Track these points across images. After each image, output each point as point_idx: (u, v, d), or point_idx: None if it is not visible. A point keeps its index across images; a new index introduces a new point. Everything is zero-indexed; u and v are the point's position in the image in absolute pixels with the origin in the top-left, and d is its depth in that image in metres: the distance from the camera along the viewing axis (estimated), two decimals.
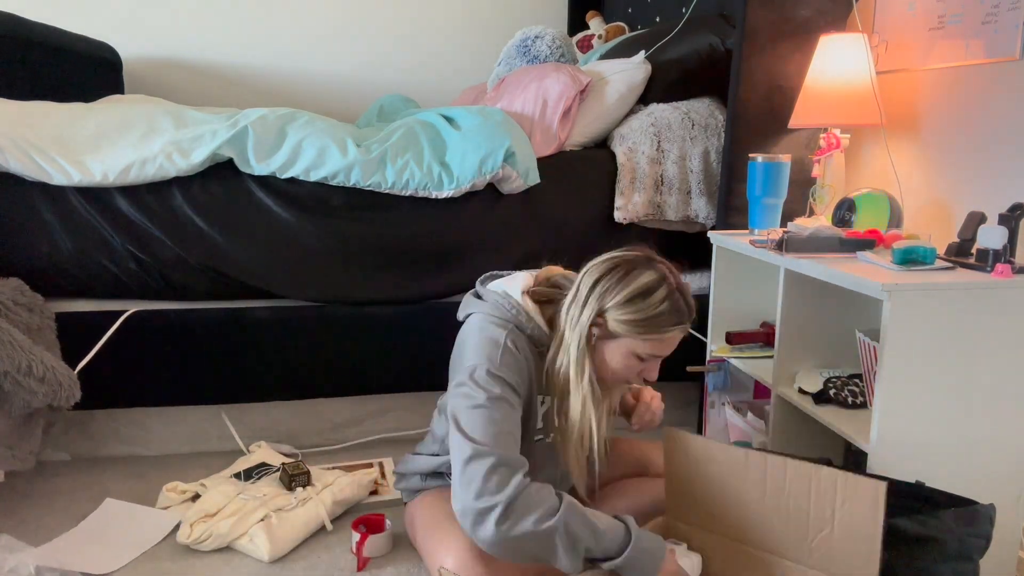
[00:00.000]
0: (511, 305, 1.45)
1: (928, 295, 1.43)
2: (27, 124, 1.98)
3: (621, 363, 1.42)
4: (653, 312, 1.36)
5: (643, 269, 1.39)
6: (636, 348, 1.40)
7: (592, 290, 1.39)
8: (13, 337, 1.65)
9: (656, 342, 1.39)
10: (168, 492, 1.89)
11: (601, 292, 1.38)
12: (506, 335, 1.41)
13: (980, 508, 1.28)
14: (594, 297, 1.39)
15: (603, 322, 1.39)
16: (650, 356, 1.41)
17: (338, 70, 3.57)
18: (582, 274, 1.43)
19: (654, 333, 1.38)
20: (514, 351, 1.40)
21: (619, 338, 1.39)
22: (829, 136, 1.97)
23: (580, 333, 1.39)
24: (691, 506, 1.46)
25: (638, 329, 1.37)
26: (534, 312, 1.45)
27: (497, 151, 2.09)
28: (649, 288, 1.37)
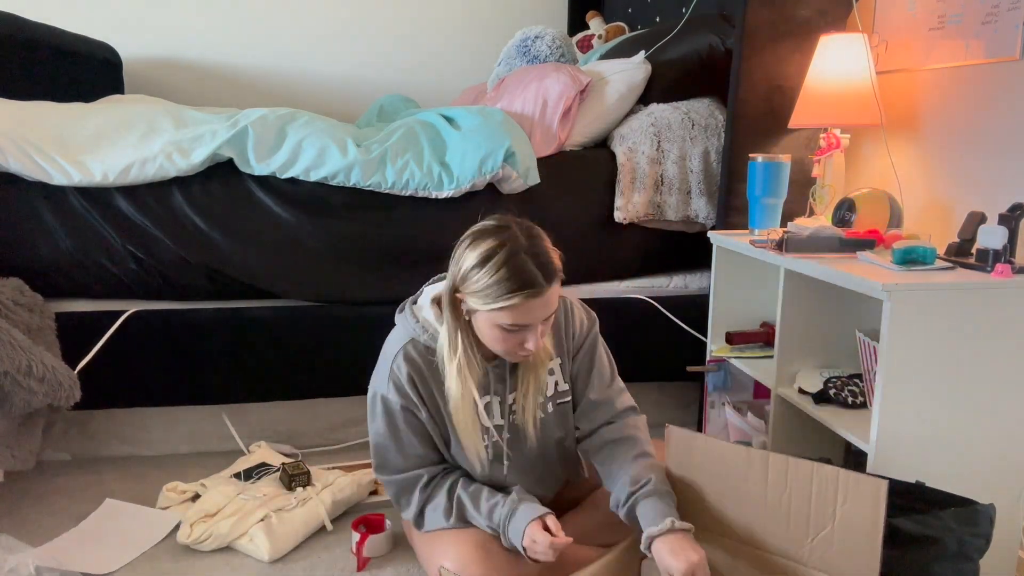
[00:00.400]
0: (413, 317, 1.46)
1: (928, 295, 1.43)
2: (27, 124, 1.98)
3: (491, 336, 1.36)
4: (490, 281, 1.29)
5: (486, 237, 1.32)
6: (494, 319, 1.32)
7: (451, 259, 1.36)
8: (13, 337, 1.65)
9: (509, 311, 1.30)
10: (168, 492, 1.89)
11: (453, 266, 1.35)
12: (400, 353, 1.43)
13: (980, 508, 1.28)
14: (450, 273, 1.36)
15: (461, 297, 1.35)
16: (514, 326, 1.32)
17: (338, 70, 3.57)
18: None
19: (497, 303, 1.29)
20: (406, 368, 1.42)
21: (477, 312, 1.34)
22: (829, 136, 1.97)
23: (447, 304, 1.36)
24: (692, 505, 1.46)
25: (482, 300, 1.31)
26: (433, 320, 1.43)
27: (497, 151, 2.09)
28: (486, 256, 1.29)
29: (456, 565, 1.43)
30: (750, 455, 1.36)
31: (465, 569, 1.42)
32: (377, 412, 1.49)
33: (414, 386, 1.44)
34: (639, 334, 2.26)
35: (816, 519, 1.29)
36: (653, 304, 2.27)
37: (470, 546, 1.45)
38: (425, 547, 1.54)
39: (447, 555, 1.45)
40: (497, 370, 1.49)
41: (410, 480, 1.49)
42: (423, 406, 1.46)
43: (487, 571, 1.42)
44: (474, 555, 1.43)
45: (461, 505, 1.47)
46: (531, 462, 1.55)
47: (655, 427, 2.30)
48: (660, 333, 2.27)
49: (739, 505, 1.38)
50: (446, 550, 1.46)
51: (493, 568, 1.43)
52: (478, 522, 1.46)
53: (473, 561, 1.43)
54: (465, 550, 1.44)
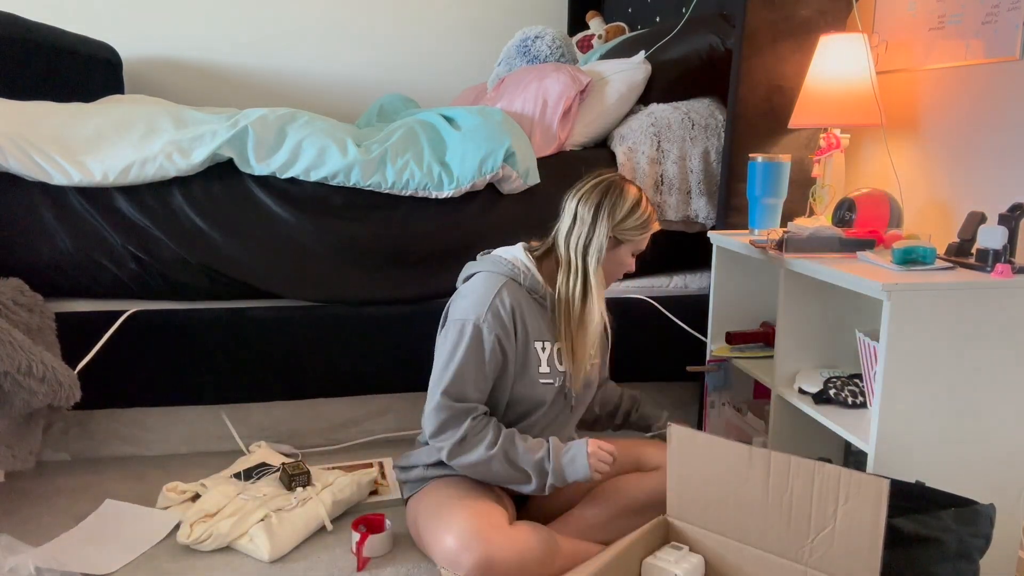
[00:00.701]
0: (507, 261, 1.62)
1: (928, 295, 1.43)
2: (27, 124, 1.98)
3: (621, 263, 1.68)
4: (648, 213, 1.65)
5: (627, 185, 1.65)
6: (638, 246, 1.68)
7: (598, 212, 1.61)
8: (13, 337, 1.65)
9: (646, 239, 1.69)
10: (168, 492, 1.89)
11: (608, 212, 1.61)
12: (500, 287, 1.58)
13: (980, 508, 1.29)
14: (603, 218, 1.61)
15: (612, 236, 1.62)
16: (638, 251, 1.70)
17: (338, 70, 3.57)
18: (573, 203, 1.64)
19: (647, 231, 1.67)
20: (505, 303, 1.56)
21: (622, 245, 1.65)
22: (829, 136, 1.97)
23: (598, 250, 1.61)
24: (693, 504, 1.46)
25: (638, 232, 1.64)
26: (531, 264, 1.63)
27: (497, 151, 2.09)
28: (638, 199, 1.64)
29: (459, 542, 1.45)
30: (752, 454, 1.36)
31: (468, 546, 1.44)
32: (466, 338, 1.55)
33: (512, 319, 1.57)
34: (639, 334, 2.26)
35: (817, 519, 1.29)
36: (653, 304, 2.27)
37: (475, 524, 1.46)
38: (429, 527, 1.56)
39: (451, 529, 1.47)
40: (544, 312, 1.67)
41: (466, 409, 1.55)
42: (514, 338, 1.57)
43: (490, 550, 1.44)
44: (478, 533, 1.45)
45: (509, 438, 1.56)
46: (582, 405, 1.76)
47: None
48: (660, 333, 2.27)
49: (740, 504, 1.38)
50: (450, 524, 1.49)
51: (496, 548, 1.45)
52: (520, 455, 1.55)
53: (476, 538, 1.45)
54: (470, 529, 1.46)
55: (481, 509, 1.52)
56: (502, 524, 1.50)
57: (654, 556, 1.44)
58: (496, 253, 1.67)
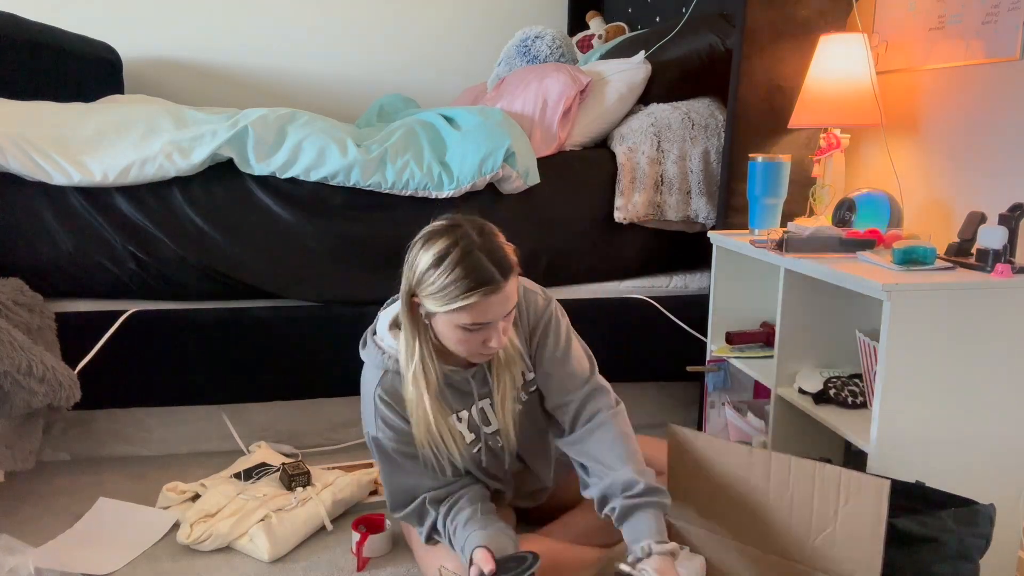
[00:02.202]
0: (376, 347, 1.44)
1: (928, 295, 1.43)
2: (27, 124, 1.98)
3: (453, 338, 1.33)
4: (446, 281, 1.27)
5: (438, 237, 1.30)
6: (454, 320, 1.30)
7: (403, 264, 1.34)
8: (13, 337, 1.65)
9: (468, 310, 1.28)
10: (168, 492, 1.89)
11: (407, 271, 1.33)
12: (375, 390, 1.43)
13: (980, 508, 1.29)
14: (404, 277, 1.33)
15: (418, 301, 1.33)
16: (475, 325, 1.30)
17: (338, 70, 3.57)
18: None
19: (455, 303, 1.27)
20: (384, 405, 1.43)
21: (437, 313, 1.32)
22: (829, 136, 1.97)
23: (404, 312, 1.34)
24: (693, 504, 1.46)
25: (440, 302, 1.28)
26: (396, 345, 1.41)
27: (497, 151, 2.09)
28: (440, 256, 1.28)
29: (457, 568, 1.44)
30: (752, 455, 1.36)
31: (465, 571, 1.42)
32: (376, 455, 1.50)
33: (401, 419, 1.44)
34: (639, 334, 2.26)
35: (818, 519, 1.29)
36: (653, 304, 2.27)
37: None
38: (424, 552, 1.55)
39: (448, 559, 1.46)
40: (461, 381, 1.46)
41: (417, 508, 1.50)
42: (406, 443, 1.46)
43: None
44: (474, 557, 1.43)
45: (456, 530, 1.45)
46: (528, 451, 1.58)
47: (655, 427, 2.31)
48: (660, 333, 2.27)
49: (741, 505, 1.38)
50: (447, 555, 1.47)
51: None
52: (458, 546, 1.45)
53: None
54: None
55: None
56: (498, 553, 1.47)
57: None
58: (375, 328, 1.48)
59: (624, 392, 1.98)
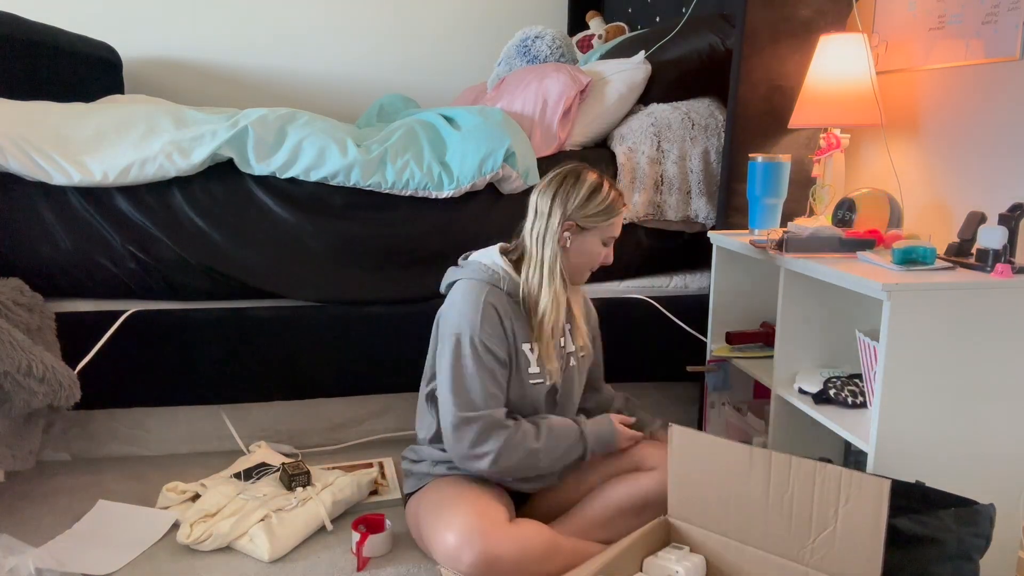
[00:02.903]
0: (486, 267, 1.64)
1: (928, 295, 1.43)
2: (27, 124, 1.98)
3: (591, 252, 1.67)
4: (609, 201, 1.64)
5: (585, 172, 1.65)
6: (604, 234, 1.66)
7: (553, 202, 1.63)
8: (13, 337, 1.65)
9: (614, 225, 1.67)
10: (168, 492, 1.89)
11: (563, 200, 1.62)
12: (484, 296, 1.59)
13: (980, 508, 1.29)
14: (557, 207, 1.62)
15: (571, 224, 1.63)
16: (609, 239, 1.69)
17: (338, 70, 3.57)
18: (534, 197, 1.66)
19: (611, 218, 1.65)
20: (493, 310, 1.59)
21: (587, 232, 1.65)
22: (829, 136, 1.97)
23: (552, 239, 1.62)
24: (694, 504, 1.46)
25: (602, 217, 1.64)
26: (508, 268, 1.65)
27: (497, 151, 2.09)
28: (598, 184, 1.64)
29: (460, 539, 1.46)
30: (753, 454, 1.36)
31: (470, 542, 1.45)
32: (465, 351, 1.57)
33: (502, 325, 1.60)
34: (639, 334, 2.26)
35: (818, 519, 1.29)
36: (653, 304, 2.27)
37: (474, 522, 1.46)
38: (429, 521, 1.56)
39: (451, 526, 1.48)
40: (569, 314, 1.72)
41: (497, 417, 1.57)
42: (505, 343, 1.60)
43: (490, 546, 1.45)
44: (478, 530, 1.45)
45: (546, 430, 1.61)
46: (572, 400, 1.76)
47: None
48: (660, 333, 2.27)
49: (741, 504, 1.39)
50: (450, 521, 1.50)
51: (497, 540, 1.45)
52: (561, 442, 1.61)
53: (477, 533, 1.46)
54: (470, 526, 1.47)
55: (482, 507, 1.52)
56: (503, 521, 1.51)
57: (655, 556, 1.44)
58: (475, 258, 1.69)
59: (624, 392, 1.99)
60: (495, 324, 1.58)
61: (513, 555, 1.45)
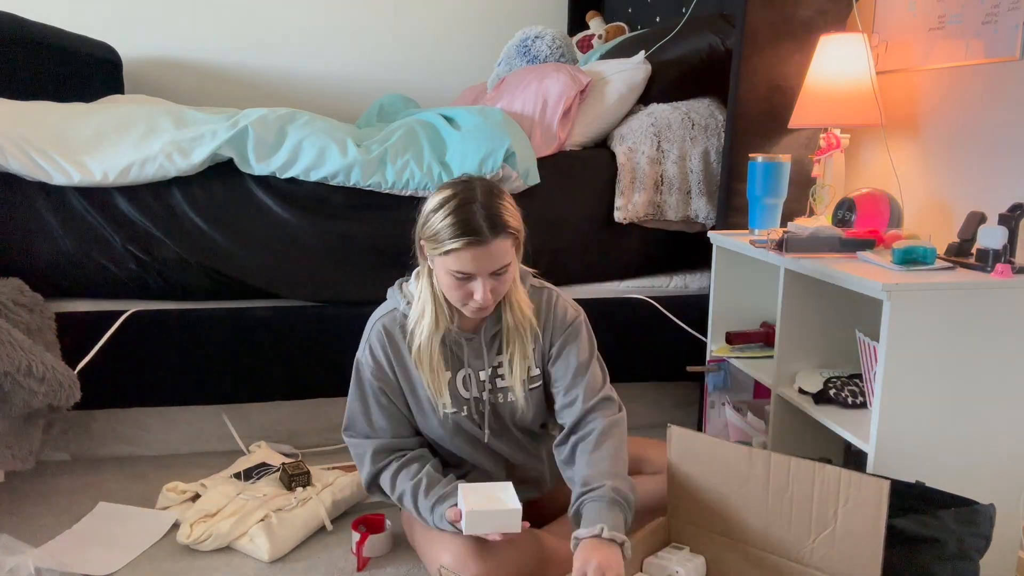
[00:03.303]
0: (397, 288, 1.56)
1: (928, 295, 1.43)
2: (27, 124, 1.98)
3: (445, 283, 1.42)
4: (441, 225, 1.36)
5: (448, 187, 1.41)
6: (445, 264, 1.38)
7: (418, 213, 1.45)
8: (13, 337, 1.65)
9: (454, 256, 1.36)
10: (168, 492, 1.89)
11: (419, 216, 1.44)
12: (380, 317, 1.53)
13: (980, 508, 1.29)
14: (418, 223, 1.44)
15: (422, 243, 1.44)
16: (460, 274, 1.38)
17: (338, 70, 3.57)
18: None
19: (444, 245, 1.36)
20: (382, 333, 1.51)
21: (434, 258, 1.41)
22: (829, 136, 1.97)
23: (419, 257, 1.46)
24: (694, 505, 1.46)
25: (433, 244, 1.38)
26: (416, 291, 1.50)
27: (497, 151, 2.09)
28: (443, 202, 1.38)
29: (456, 561, 1.44)
30: (752, 455, 1.36)
31: (464, 565, 1.43)
32: (354, 377, 1.57)
33: (386, 354, 1.52)
34: (639, 334, 2.26)
35: (818, 519, 1.29)
36: (653, 304, 2.27)
37: (471, 542, 1.45)
38: (425, 542, 1.55)
39: (448, 550, 1.46)
40: (473, 344, 1.53)
41: (364, 447, 1.55)
42: (393, 374, 1.53)
43: (486, 568, 1.43)
44: (473, 551, 1.44)
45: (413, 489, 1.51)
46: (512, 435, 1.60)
47: (655, 427, 2.31)
48: (660, 333, 2.27)
49: (741, 505, 1.38)
50: (447, 545, 1.47)
51: (493, 565, 1.44)
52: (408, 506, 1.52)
53: (471, 556, 1.44)
54: (466, 547, 1.45)
55: None
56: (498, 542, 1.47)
57: (655, 556, 1.44)
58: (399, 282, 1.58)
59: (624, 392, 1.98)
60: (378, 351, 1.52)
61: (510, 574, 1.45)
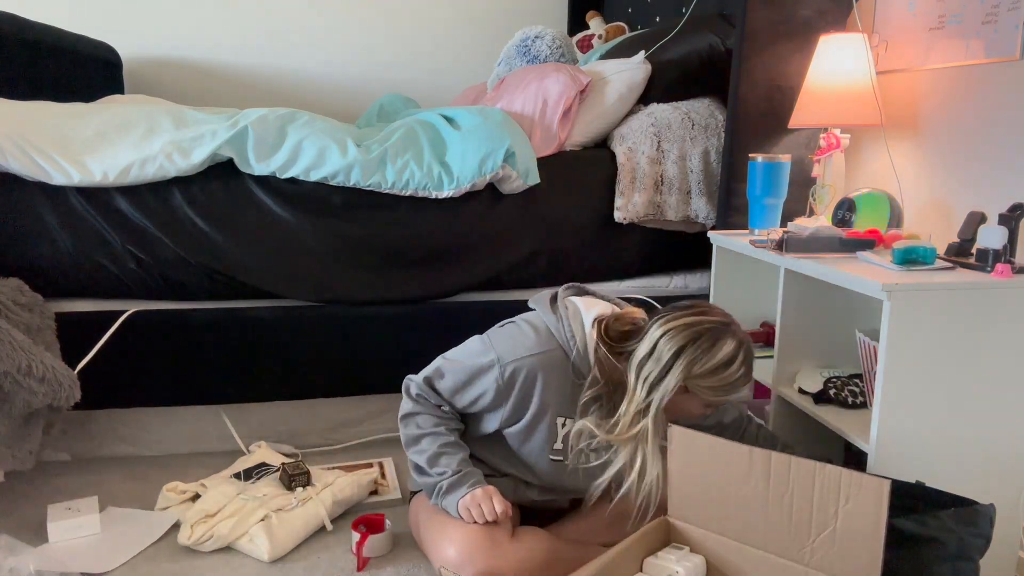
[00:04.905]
0: (570, 330, 1.52)
1: (928, 295, 1.43)
2: (27, 124, 1.98)
3: (686, 411, 1.48)
4: (735, 378, 1.43)
5: (725, 338, 1.42)
6: (713, 401, 1.46)
7: (676, 358, 1.41)
8: (13, 337, 1.65)
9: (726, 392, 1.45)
10: (168, 492, 1.89)
11: (687, 362, 1.40)
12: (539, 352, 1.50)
13: (980, 508, 1.28)
14: (679, 367, 1.41)
15: (686, 387, 1.43)
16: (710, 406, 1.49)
17: (338, 70, 3.57)
18: (657, 332, 1.43)
19: (731, 395, 1.46)
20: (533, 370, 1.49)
21: (691, 394, 1.44)
22: (829, 136, 1.97)
23: (661, 397, 1.42)
24: (694, 505, 1.46)
25: (721, 393, 1.44)
26: (591, 345, 1.50)
27: (497, 151, 2.09)
28: (732, 358, 1.42)
29: (460, 555, 1.45)
30: (752, 455, 1.36)
31: (470, 559, 1.44)
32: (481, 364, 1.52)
33: (528, 388, 1.51)
34: None
35: (818, 519, 1.29)
36: (653, 304, 2.27)
37: (477, 536, 1.46)
38: (430, 535, 1.55)
39: (453, 542, 1.47)
40: None
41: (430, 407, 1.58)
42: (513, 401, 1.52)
43: (492, 563, 1.44)
44: (479, 545, 1.45)
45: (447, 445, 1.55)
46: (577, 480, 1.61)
47: None
48: None
49: (741, 505, 1.38)
50: (452, 537, 1.48)
51: (498, 560, 1.45)
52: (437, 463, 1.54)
53: (477, 550, 1.45)
54: (471, 541, 1.46)
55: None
56: (504, 536, 1.49)
57: (655, 556, 1.44)
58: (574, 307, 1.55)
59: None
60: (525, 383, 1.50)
61: (514, 570, 1.45)
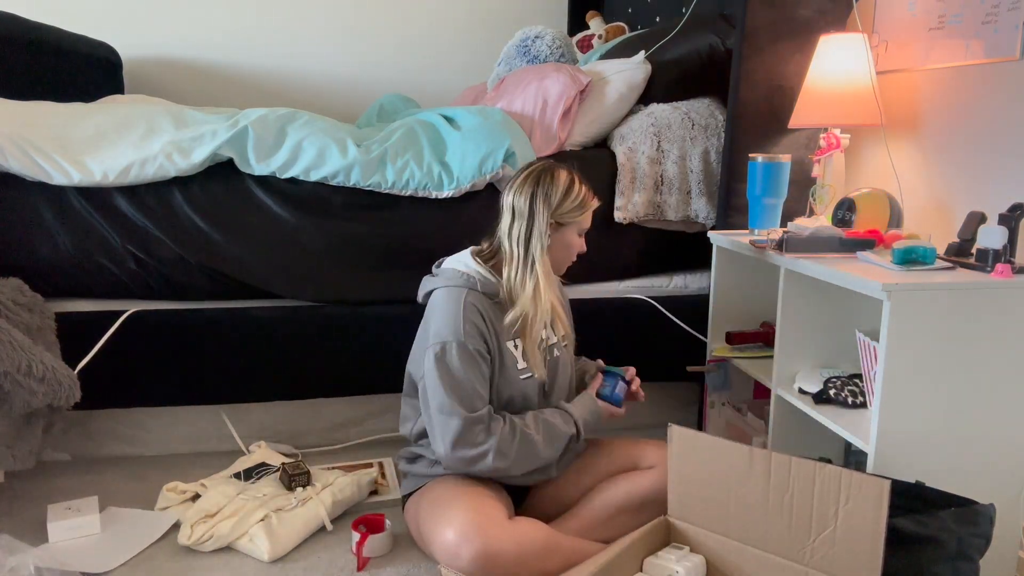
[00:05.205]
0: (461, 273, 1.66)
1: (928, 295, 1.43)
2: (27, 124, 1.98)
3: (570, 245, 1.71)
4: (584, 193, 1.69)
5: (554, 169, 1.68)
6: (581, 226, 1.71)
7: (534, 201, 1.64)
8: (13, 337, 1.65)
9: (587, 217, 1.71)
10: (168, 492, 1.89)
11: (543, 199, 1.64)
12: (464, 298, 1.61)
13: (980, 508, 1.29)
14: (539, 206, 1.64)
15: (553, 222, 1.65)
16: (583, 231, 1.73)
17: (338, 70, 3.57)
18: (508, 198, 1.66)
19: (585, 211, 1.70)
20: (475, 310, 1.60)
21: (563, 228, 1.68)
22: (829, 136, 1.97)
23: (539, 238, 1.64)
24: (694, 504, 1.46)
25: (577, 212, 1.68)
26: (484, 270, 1.66)
27: (497, 151, 2.09)
28: (571, 179, 1.68)
29: (458, 536, 1.46)
30: (753, 455, 1.36)
31: (468, 539, 1.44)
32: (453, 358, 1.58)
33: (485, 327, 1.61)
34: (639, 334, 2.26)
35: (818, 519, 1.29)
36: (653, 304, 2.27)
37: (474, 517, 1.46)
38: (428, 522, 1.56)
39: (451, 525, 1.48)
40: None
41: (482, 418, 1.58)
42: (489, 344, 1.62)
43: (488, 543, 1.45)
44: (477, 526, 1.46)
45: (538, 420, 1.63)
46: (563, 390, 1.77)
47: (655, 427, 2.31)
48: (660, 333, 2.27)
49: (741, 505, 1.39)
50: (450, 521, 1.49)
51: (495, 541, 1.45)
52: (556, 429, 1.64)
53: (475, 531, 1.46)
54: (469, 522, 1.47)
55: (480, 503, 1.53)
56: (501, 518, 1.51)
57: (655, 556, 1.44)
58: (448, 264, 1.71)
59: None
60: (477, 324, 1.60)
61: (512, 551, 1.46)
